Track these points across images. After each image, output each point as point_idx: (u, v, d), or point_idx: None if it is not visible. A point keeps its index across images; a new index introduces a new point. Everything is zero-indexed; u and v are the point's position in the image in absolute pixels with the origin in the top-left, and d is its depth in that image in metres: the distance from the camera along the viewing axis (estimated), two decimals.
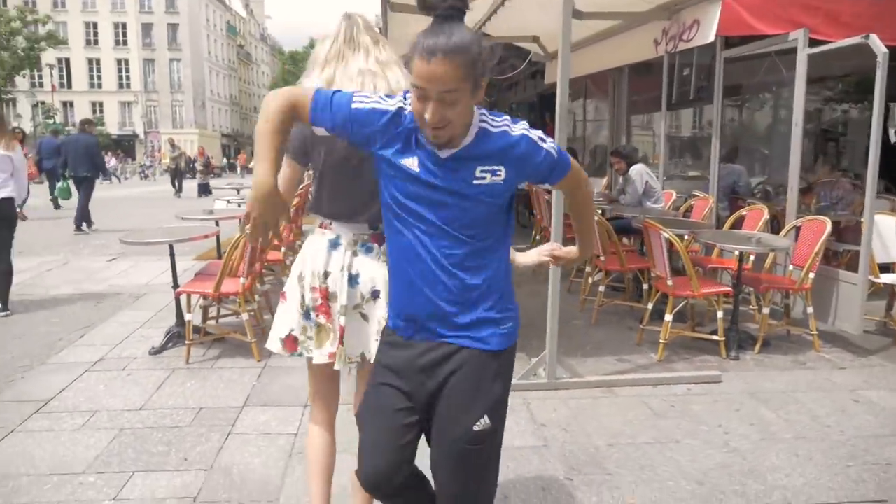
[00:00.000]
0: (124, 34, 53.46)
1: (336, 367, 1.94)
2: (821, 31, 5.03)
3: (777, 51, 5.42)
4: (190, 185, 21.86)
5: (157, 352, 4.38)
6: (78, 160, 10.49)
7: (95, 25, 52.87)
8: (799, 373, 4.15)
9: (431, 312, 1.57)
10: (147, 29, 53.73)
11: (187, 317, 4.19)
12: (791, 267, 4.77)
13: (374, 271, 1.93)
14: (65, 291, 6.28)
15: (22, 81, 44.37)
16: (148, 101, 54.13)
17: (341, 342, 1.92)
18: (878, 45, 4.23)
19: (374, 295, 1.92)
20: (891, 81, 9.46)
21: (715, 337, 4.39)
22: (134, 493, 2.70)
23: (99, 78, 53.56)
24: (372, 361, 1.85)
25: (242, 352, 4.39)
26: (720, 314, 4.36)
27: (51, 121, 44.63)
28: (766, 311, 4.48)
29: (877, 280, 4.72)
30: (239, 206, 7.03)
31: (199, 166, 21.76)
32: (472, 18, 5.68)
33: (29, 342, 4.71)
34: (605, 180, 9.08)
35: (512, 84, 14.17)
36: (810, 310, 4.47)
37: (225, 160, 50.19)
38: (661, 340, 4.33)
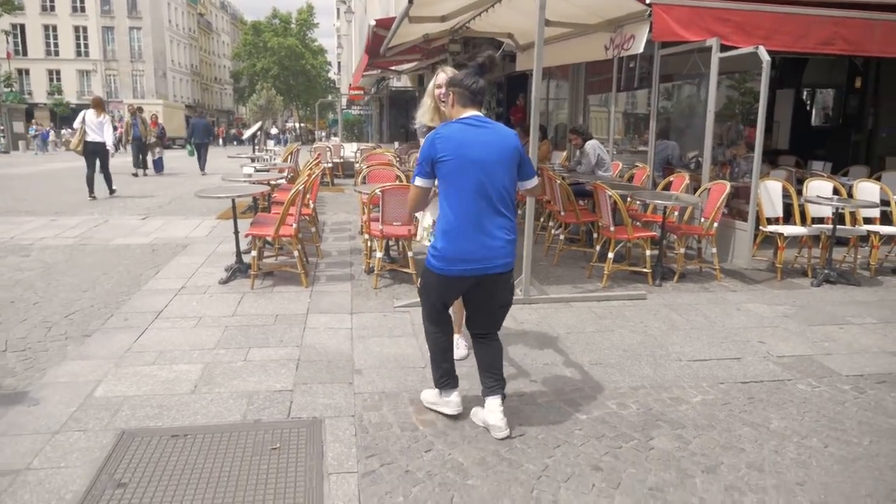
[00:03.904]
0: (82, 0, 52.41)
1: None
2: (731, 39, 6.51)
3: (699, 51, 6.91)
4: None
5: (225, 282, 5.70)
6: (198, 133, 18.29)
7: None
8: (703, 294, 5.72)
9: None
10: None
11: (253, 254, 5.51)
12: (703, 219, 6.32)
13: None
14: (121, 242, 7.50)
15: None
16: (107, 70, 53.41)
17: None
18: (763, 55, 5.74)
19: None
20: (816, 71, 11.12)
21: (644, 270, 5.92)
22: (256, 357, 4.07)
23: (56, 45, 52.52)
24: None
25: (291, 281, 5.74)
26: (648, 253, 5.89)
27: (8, 89, 43.92)
28: (682, 250, 6.05)
29: (764, 229, 6.32)
30: (268, 171, 8.26)
31: (152, 138, 17.79)
32: (461, 19, 7.04)
33: (116, 277, 5.96)
34: (564, 153, 10.55)
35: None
36: (714, 250, 6.05)
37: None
38: (605, 272, 5.85)
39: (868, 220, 6.63)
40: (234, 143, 49.40)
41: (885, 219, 6.76)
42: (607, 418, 3.36)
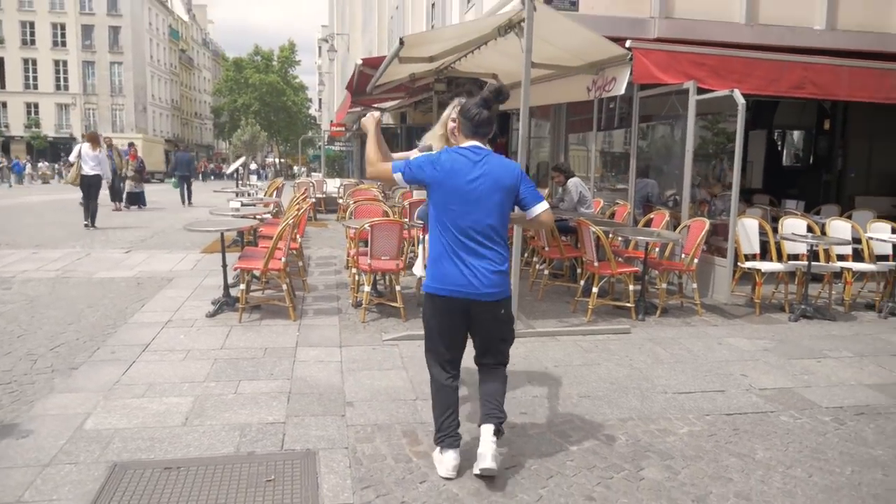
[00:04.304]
0: (63, 35, 52.58)
1: None
2: (707, 82, 6.79)
3: (676, 94, 7.18)
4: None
5: (212, 315, 5.69)
6: (182, 166, 19.30)
7: (32, 25, 51.83)
8: (685, 328, 5.84)
9: None
10: (87, 30, 53.05)
11: (242, 287, 5.53)
12: (683, 255, 6.48)
13: None
14: (105, 275, 7.45)
15: None
16: (87, 104, 53.28)
17: None
18: (739, 98, 5.99)
19: None
20: (786, 113, 11.53)
21: (627, 304, 6.04)
22: (247, 390, 4.07)
23: (35, 79, 52.38)
24: None
25: (278, 315, 5.75)
26: (632, 288, 6.02)
27: None
28: (664, 286, 6.19)
29: (742, 265, 6.49)
30: (254, 205, 8.30)
31: (129, 171, 16.99)
32: (447, 60, 7.24)
33: (102, 310, 5.92)
34: (546, 190, 10.75)
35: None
36: (694, 286, 6.20)
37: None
38: (589, 307, 5.95)
39: (841, 257, 6.85)
40: (212, 177, 49.25)
41: (857, 256, 6.99)
42: (597, 449, 3.42)
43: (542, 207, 3.08)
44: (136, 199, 17.21)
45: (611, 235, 6.70)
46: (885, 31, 8.74)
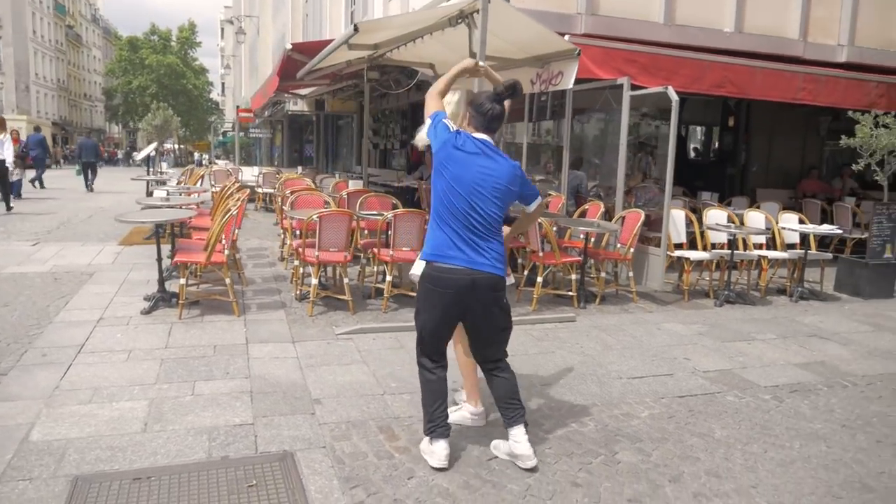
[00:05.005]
0: None
1: None
2: (638, 79, 7.08)
3: (610, 89, 7.43)
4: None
5: (147, 312, 5.35)
6: (87, 152, 18.70)
7: None
8: (625, 315, 6.09)
9: None
10: None
11: (182, 281, 5.23)
12: (619, 245, 6.75)
13: None
14: (15, 270, 6.82)
15: None
16: None
17: None
18: (672, 94, 6.29)
19: None
20: (692, 109, 12.14)
21: (570, 293, 6.22)
22: (204, 391, 3.87)
23: None
24: None
25: (219, 310, 5.49)
26: (574, 277, 6.20)
27: None
28: (603, 275, 6.42)
29: (671, 254, 6.84)
30: (180, 195, 7.85)
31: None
32: (389, 48, 7.12)
33: (20, 308, 5.43)
34: None
35: (384, 93, 15.61)
36: (630, 274, 6.47)
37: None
38: (534, 296, 6.08)
39: (756, 246, 7.36)
40: (102, 164, 46.01)
41: (767, 244, 7.53)
42: (571, 436, 3.51)
43: (534, 205, 3.24)
44: (13, 189, 13.93)
45: (547, 223, 6.87)
46: (784, 36, 9.43)
